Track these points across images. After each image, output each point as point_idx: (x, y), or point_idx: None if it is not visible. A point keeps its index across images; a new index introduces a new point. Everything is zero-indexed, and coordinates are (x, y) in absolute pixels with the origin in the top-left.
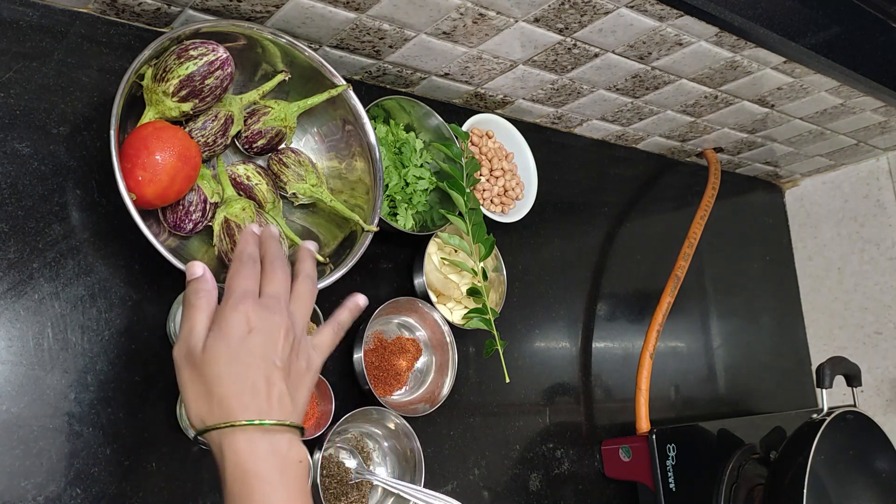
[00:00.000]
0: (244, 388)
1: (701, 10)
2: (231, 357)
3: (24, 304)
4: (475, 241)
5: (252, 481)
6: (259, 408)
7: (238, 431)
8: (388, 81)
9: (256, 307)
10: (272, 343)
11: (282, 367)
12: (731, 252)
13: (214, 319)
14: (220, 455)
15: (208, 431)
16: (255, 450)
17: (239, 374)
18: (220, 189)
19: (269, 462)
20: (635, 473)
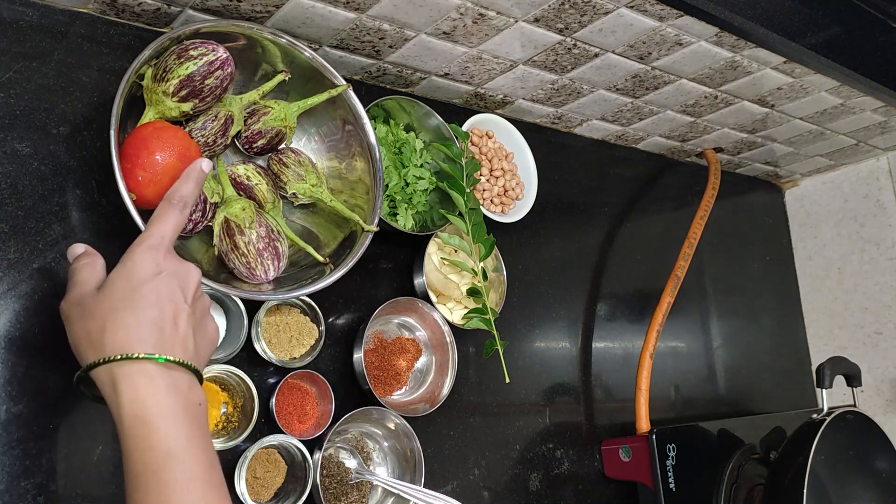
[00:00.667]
0: (144, 322)
1: (701, 10)
2: (132, 292)
3: (23, 304)
4: (475, 241)
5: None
6: (161, 343)
7: (135, 365)
8: (388, 81)
9: (170, 254)
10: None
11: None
12: (731, 252)
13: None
14: (112, 393)
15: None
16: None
17: (140, 309)
18: (220, 189)
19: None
20: (635, 473)
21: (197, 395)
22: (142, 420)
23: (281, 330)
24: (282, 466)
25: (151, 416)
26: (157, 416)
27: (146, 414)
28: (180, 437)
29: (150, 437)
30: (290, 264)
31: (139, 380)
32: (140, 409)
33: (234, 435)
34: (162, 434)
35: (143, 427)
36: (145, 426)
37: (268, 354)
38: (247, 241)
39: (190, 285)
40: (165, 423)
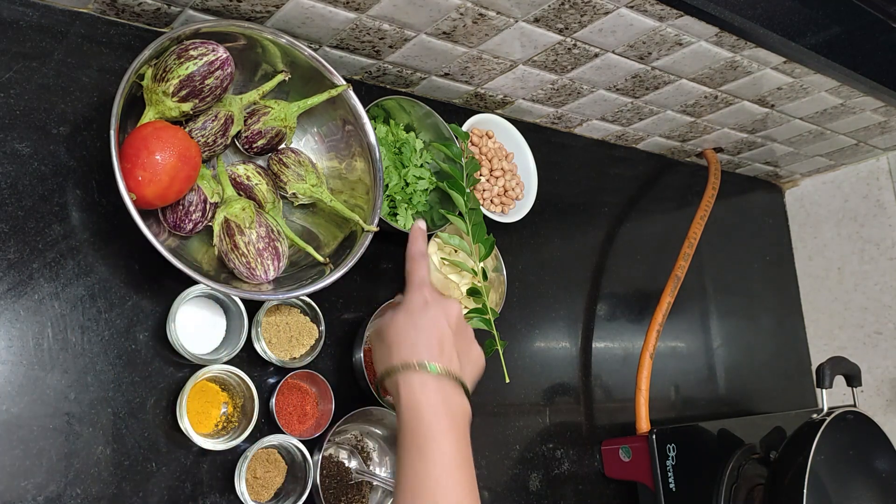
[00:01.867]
0: (419, 343)
1: (701, 10)
2: (409, 322)
3: (24, 305)
4: (475, 241)
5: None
6: (431, 357)
7: (412, 372)
8: (388, 81)
9: (433, 290)
10: (446, 317)
11: (453, 332)
12: (731, 252)
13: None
14: (396, 394)
15: (389, 377)
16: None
17: (415, 335)
18: (220, 189)
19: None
20: (635, 473)
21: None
22: (413, 410)
23: (281, 330)
24: (282, 466)
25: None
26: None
27: (418, 406)
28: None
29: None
30: (290, 264)
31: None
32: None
33: (234, 435)
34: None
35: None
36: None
37: (268, 354)
38: (247, 241)
39: (451, 316)
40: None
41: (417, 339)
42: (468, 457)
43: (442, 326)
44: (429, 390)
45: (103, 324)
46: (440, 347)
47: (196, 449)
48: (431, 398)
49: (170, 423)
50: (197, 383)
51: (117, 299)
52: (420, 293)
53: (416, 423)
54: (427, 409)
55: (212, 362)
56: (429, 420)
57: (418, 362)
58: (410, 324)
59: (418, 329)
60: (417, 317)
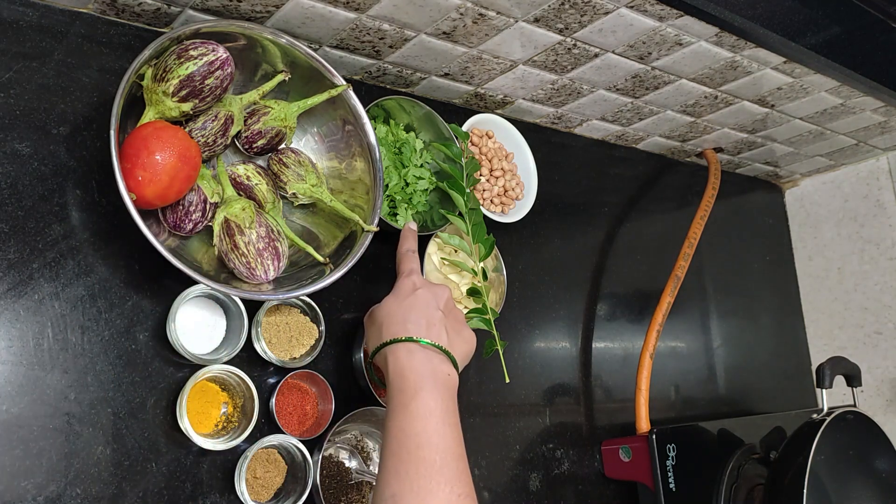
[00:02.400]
0: (407, 321)
1: (701, 10)
2: (398, 304)
3: (24, 304)
4: (475, 241)
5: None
6: (418, 333)
7: (400, 347)
8: (388, 81)
9: (422, 279)
10: (434, 297)
11: (443, 312)
12: (731, 252)
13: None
14: (385, 367)
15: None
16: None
17: (403, 314)
18: (220, 189)
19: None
20: (635, 473)
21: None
22: (399, 375)
23: (281, 330)
24: (282, 466)
25: (406, 372)
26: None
27: (403, 371)
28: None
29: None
30: (290, 264)
31: (401, 352)
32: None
33: (234, 435)
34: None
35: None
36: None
37: (268, 354)
38: (247, 241)
39: (441, 299)
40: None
41: (406, 317)
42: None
43: (431, 307)
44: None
45: (103, 324)
46: (428, 324)
47: (196, 449)
48: (417, 364)
49: (170, 423)
50: (197, 383)
51: (117, 299)
52: (409, 280)
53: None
54: (412, 372)
55: (212, 362)
56: (413, 381)
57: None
58: (399, 305)
59: (407, 309)
60: (407, 299)
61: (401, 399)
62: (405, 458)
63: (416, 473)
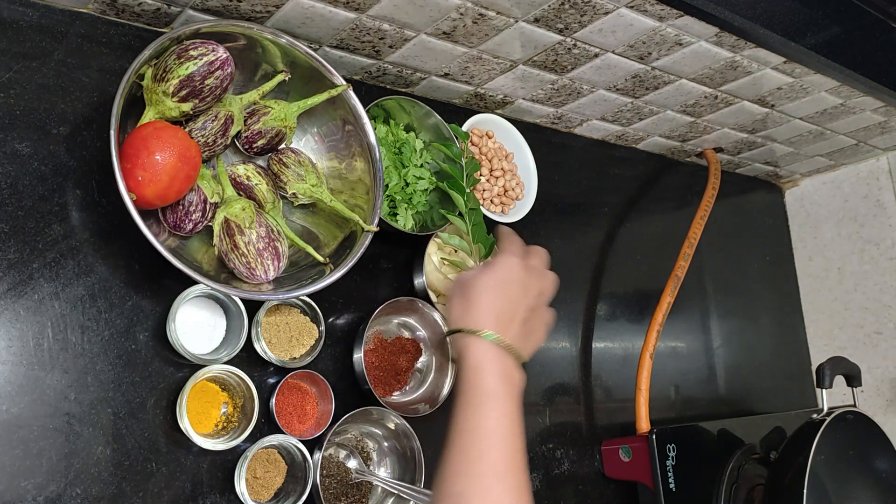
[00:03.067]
0: (494, 312)
1: (701, 10)
2: (493, 287)
3: (24, 304)
4: (475, 241)
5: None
6: (499, 330)
7: (481, 340)
8: (388, 81)
9: (523, 265)
10: (526, 293)
11: (525, 314)
12: (731, 252)
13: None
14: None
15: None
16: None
17: (494, 301)
18: (220, 189)
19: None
20: (635, 473)
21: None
22: (477, 370)
23: (281, 330)
24: (282, 466)
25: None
26: (486, 370)
27: (481, 368)
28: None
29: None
30: (290, 264)
31: (480, 348)
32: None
33: (234, 435)
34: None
35: (476, 373)
36: (477, 373)
37: (268, 354)
38: (247, 241)
39: (531, 294)
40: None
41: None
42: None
43: (518, 303)
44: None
45: (103, 324)
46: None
47: (196, 449)
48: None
49: (170, 423)
50: (197, 383)
51: (117, 299)
52: (511, 260)
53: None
54: (489, 373)
55: (212, 362)
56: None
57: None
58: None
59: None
60: (502, 285)
61: (475, 395)
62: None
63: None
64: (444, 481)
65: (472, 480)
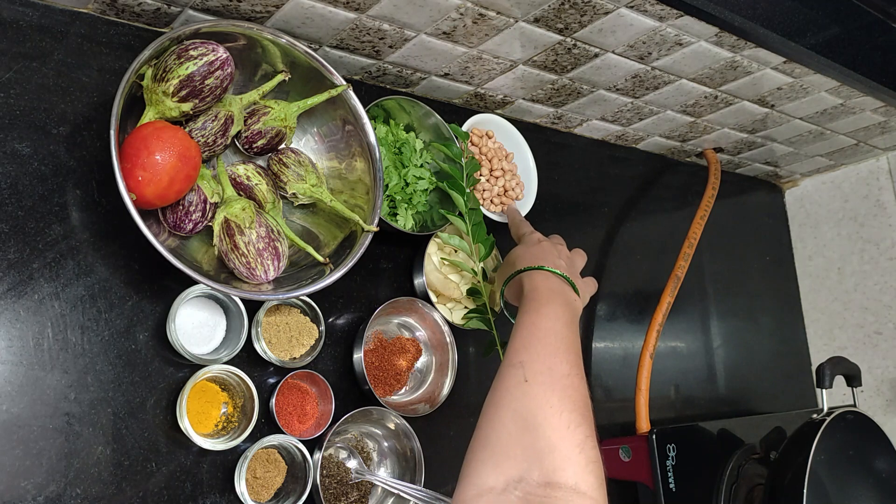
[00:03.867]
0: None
1: (701, 10)
2: (527, 249)
3: (24, 305)
4: (475, 241)
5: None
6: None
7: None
8: (388, 81)
9: (545, 237)
10: (556, 248)
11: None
12: (731, 252)
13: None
14: (519, 289)
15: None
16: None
17: (534, 254)
18: (220, 189)
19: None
20: (635, 473)
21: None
22: (534, 289)
23: (281, 330)
24: (282, 466)
25: (541, 288)
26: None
27: (538, 287)
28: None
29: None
30: (290, 264)
31: (536, 276)
32: (535, 286)
33: (234, 435)
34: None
35: (534, 291)
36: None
37: (268, 354)
38: (247, 241)
39: (563, 251)
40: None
41: (537, 256)
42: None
43: (556, 253)
44: (550, 280)
45: (103, 324)
46: (557, 259)
47: (196, 449)
48: (552, 284)
49: (170, 423)
50: (197, 383)
51: (117, 299)
52: (533, 235)
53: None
54: (546, 289)
55: (212, 362)
56: (547, 294)
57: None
58: (528, 249)
59: (537, 251)
60: (535, 246)
61: (534, 304)
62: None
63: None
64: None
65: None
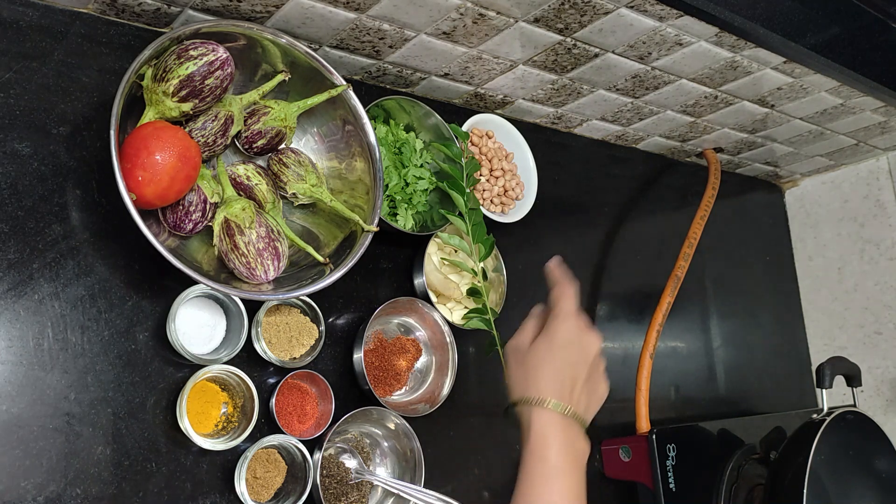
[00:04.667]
0: (555, 380)
1: (701, 10)
2: (551, 355)
3: (24, 305)
4: (475, 241)
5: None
6: (563, 397)
7: (546, 410)
8: (388, 81)
9: (579, 325)
10: (584, 357)
11: (585, 379)
12: (731, 252)
13: (544, 328)
14: (527, 422)
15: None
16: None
17: (554, 369)
18: (220, 189)
19: (560, 436)
20: (635, 473)
21: (580, 440)
22: (543, 440)
23: (281, 330)
24: (282, 466)
25: (550, 441)
26: (553, 442)
27: (546, 438)
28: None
29: (546, 452)
30: (290, 264)
31: (546, 417)
32: (544, 434)
33: (234, 435)
34: (553, 451)
35: (542, 443)
36: (544, 445)
37: (268, 354)
38: (247, 241)
39: (590, 353)
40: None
41: (555, 376)
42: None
43: (579, 367)
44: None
45: (103, 324)
46: (572, 390)
47: (196, 449)
48: (560, 435)
49: (170, 423)
50: (197, 383)
51: (117, 299)
52: (567, 325)
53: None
54: (555, 444)
55: (212, 362)
56: (556, 454)
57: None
58: (551, 358)
59: (557, 367)
60: (559, 352)
61: (543, 469)
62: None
63: None
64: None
65: None
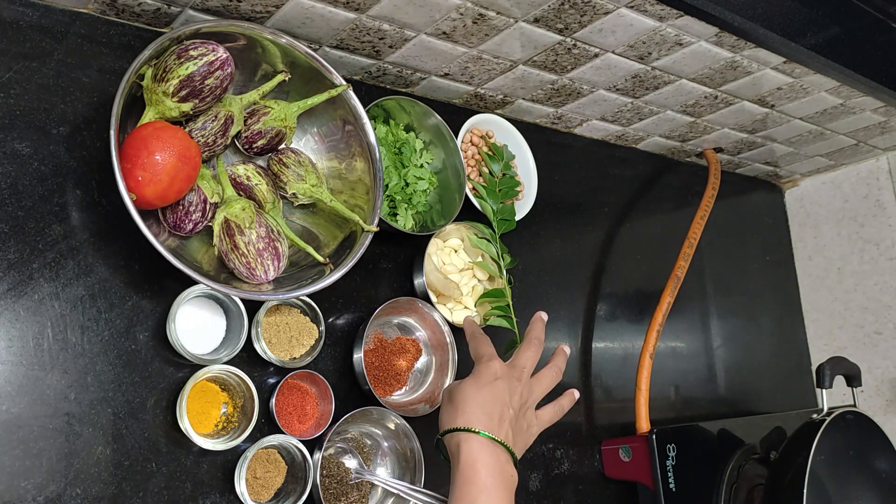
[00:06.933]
0: (483, 412)
1: (701, 10)
2: (477, 390)
3: (24, 305)
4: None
5: (478, 468)
6: (491, 428)
7: (473, 438)
8: (388, 81)
9: (504, 367)
10: (510, 393)
11: (512, 414)
12: (731, 252)
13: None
14: (456, 451)
15: (452, 433)
16: (483, 452)
17: (481, 402)
18: (220, 189)
19: (490, 463)
20: (635, 473)
21: (510, 468)
22: (471, 466)
23: (281, 330)
24: (282, 466)
25: (478, 465)
26: (481, 466)
27: (475, 463)
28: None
29: (474, 477)
30: (290, 264)
31: (474, 444)
32: (472, 459)
33: (234, 435)
34: (482, 477)
35: (471, 470)
36: (472, 469)
37: (268, 354)
38: (247, 241)
39: (515, 393)
40: (485, 471)
41: (483, 407)
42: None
43: (506, 401)
44: (486, 453)
45: (103, 324)
46: (500, 421)
47: (196, 449)
48: (489, 459)
49: (170, 423)
50: (197, 383)
51: (117, 299)
52: (490, 366)
53: (473, 477)
54: (483, 467)
55: (212, 362)
56: (484, 477)
57: (480, 429)
58: (477, 393)
59: (485, 398)
60: (485, 389)
61: (470, 491)
62: None
63: None
64: None
65: None
